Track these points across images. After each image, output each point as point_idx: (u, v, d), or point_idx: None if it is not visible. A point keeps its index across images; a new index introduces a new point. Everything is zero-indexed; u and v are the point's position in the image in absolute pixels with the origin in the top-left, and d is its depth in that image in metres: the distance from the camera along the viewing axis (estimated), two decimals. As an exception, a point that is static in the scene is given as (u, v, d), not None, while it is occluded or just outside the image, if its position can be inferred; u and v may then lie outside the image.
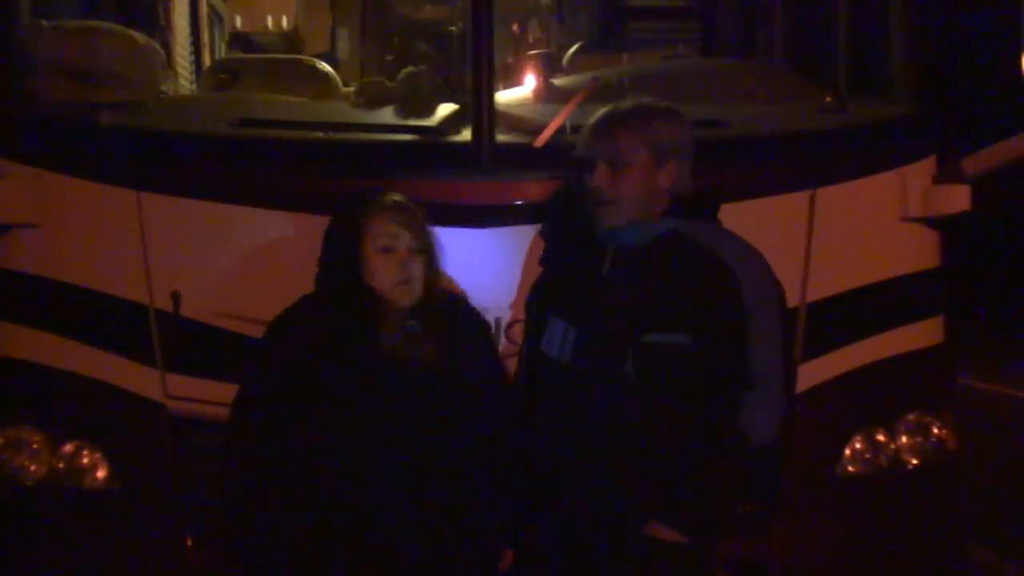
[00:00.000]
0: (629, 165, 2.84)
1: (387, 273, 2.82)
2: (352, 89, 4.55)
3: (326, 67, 4.90)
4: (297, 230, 3.34)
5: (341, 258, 2.85)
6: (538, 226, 3.32)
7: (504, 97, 3.69)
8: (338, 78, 4.85)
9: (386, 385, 2.78)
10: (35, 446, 3.40)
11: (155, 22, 5.06)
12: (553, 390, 2.91)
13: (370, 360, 2.79)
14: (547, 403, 2.92)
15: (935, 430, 3.64)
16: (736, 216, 3.02)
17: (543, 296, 3.06)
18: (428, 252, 2.89)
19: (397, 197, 2.91)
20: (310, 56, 5.64)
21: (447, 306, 2.96)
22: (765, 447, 2.80)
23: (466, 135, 3.39)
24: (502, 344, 3.32)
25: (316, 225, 3.31)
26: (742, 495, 2.87)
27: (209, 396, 3.33)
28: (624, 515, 2.80)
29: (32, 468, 3.40)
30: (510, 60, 4.42)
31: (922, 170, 3.66)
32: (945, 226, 3.74)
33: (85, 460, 3.39)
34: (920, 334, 3.70)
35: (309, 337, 2.81)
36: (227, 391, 3.29)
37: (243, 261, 3.39)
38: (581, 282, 2.92)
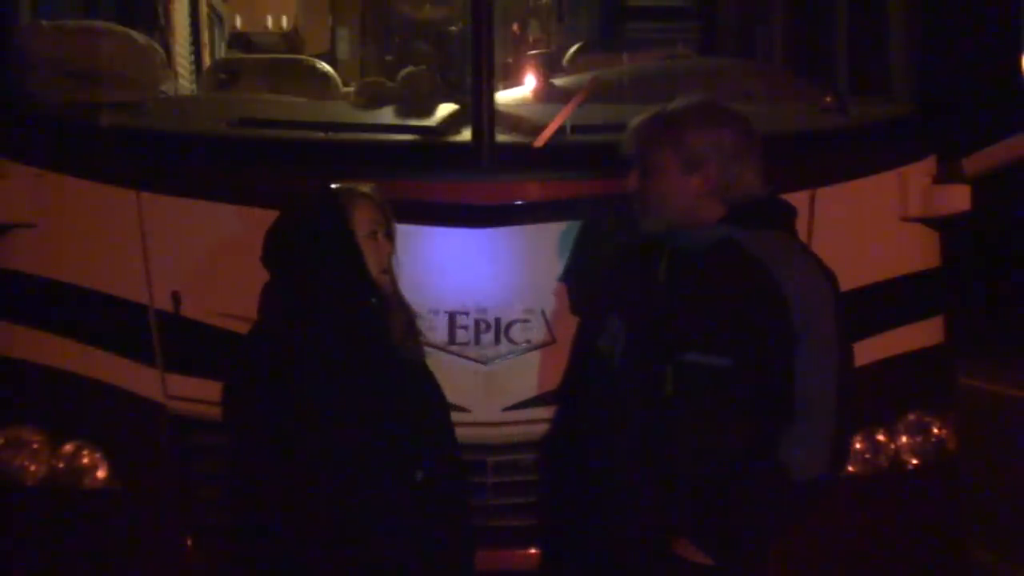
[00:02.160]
0: (654, 170, 2.76)
1: (373, 260, 2.83)
2: (352, 89, 4.55)
3: (326, 67, 4.90)
4: (297, 230, 3.34)
5: (339, 248, 2.82)
6: (541, 225, 3.32)
7: (504, 97, 3.69)
8: (338, 78, 4.86)
9: (395, 379, 2.79)
10: (35, 446, 3.39)
11: (155, 22, 5.07)
12: (599, 392, 2.86)
13: (384, 352, 2.80)
14: (592, 406, 2.89)
15: (935, 430, 3.64)
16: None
17: (607, 292, 3.01)
18: (394, 243, 2.92)
19: (368, 187, 2.94)
20: (310, 56, 5.65)
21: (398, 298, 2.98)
22: (804, 483, 2.61)
23: (466, 135, 3.38)
24: (502, 344, 3.32)
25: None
26: (777, 525, 2.74)
27: (209, 396, 3.33)
28: (652, 530, 2.73)
29: (32, 468, 3.39)
30: (510, 60, 4.42)
31: (922, 170, 3.66)
32: (945, 226, 3.74)
33: (85, 460, 3.39)
34: (920, 334, 3.69)
35: (317, 331, 2.78)
36: (227, 391, 3.31)
37: (243, 261, 3.38)
38: (638, 283, 2.84)
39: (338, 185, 2.92)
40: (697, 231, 2.75)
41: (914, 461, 3.61)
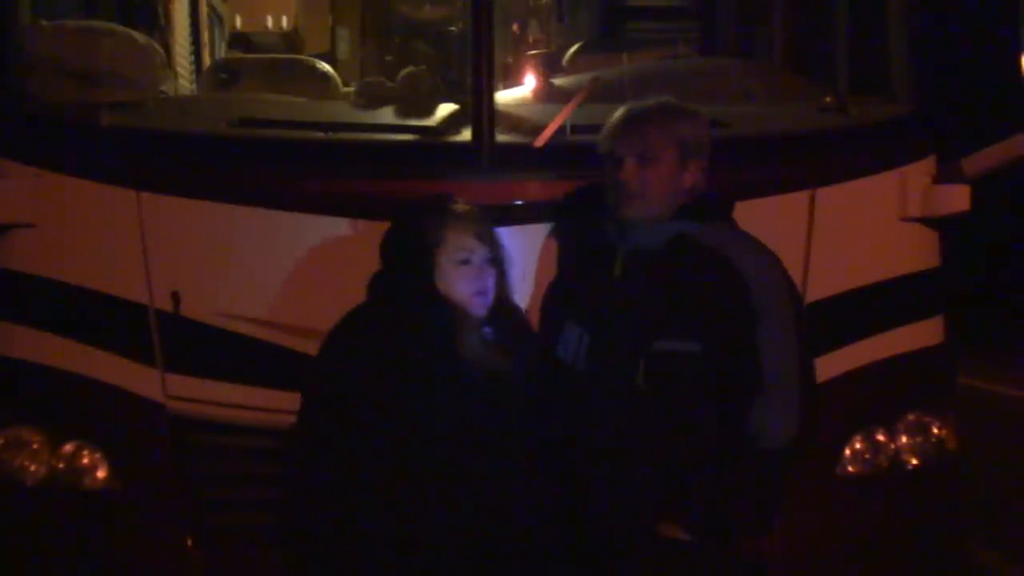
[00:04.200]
0: (657, 161, 2.86)
1: (464, 285, 2.82)
2: (352, 89, 4.56)
3: (326, 67, 4.90)
4: (297, 230, 3.34)
5: (415, 267, 2.83)
6: (542, 225, 3.32)
7: (504, 97, 3.69)
8: (338, 78, 4.86)
9: (467, 395, 2.75)
10: (35, 446, 3.39)
11: (155, 22, 5.07)
12: (567, 397, 2.90)
13: (450, 369, 2.76)
14: (561, 410, 2.91)
15: (935, 430, 3.64)
16: (736, 216, 3.02)
17: (560, 300, 3.07)
18: (500, 263, 2.90)
19: (467, 206, 2.92)
20: (310, 56, 5.65)
21: (514, 314, 2.97)
22: (779, 450, 2.76)
23: (466, 135, 3.38)
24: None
25: (316, 225, 3.34)
26: (753, 497, 2.83)
27: (209, 396, 3.34)
28: (634, 520, 2.79)
29: (32, 468, 3.39)
30: (510, 60, 4.43)
31: (922, 170, 3.66)
32: (945, 226, 3.74)
33: (85, 460, 3.39)
34: (920, 334, 3.69)
35: (384, 346, 2.76)
36: (227, 391, 3.32)
37: (243, 261, 3.39)
38: (594, 286, 2.92)
39: (442, 204, 2.92)
40: (652, 229, 2.85)
41: (914, 461, 3.61)
